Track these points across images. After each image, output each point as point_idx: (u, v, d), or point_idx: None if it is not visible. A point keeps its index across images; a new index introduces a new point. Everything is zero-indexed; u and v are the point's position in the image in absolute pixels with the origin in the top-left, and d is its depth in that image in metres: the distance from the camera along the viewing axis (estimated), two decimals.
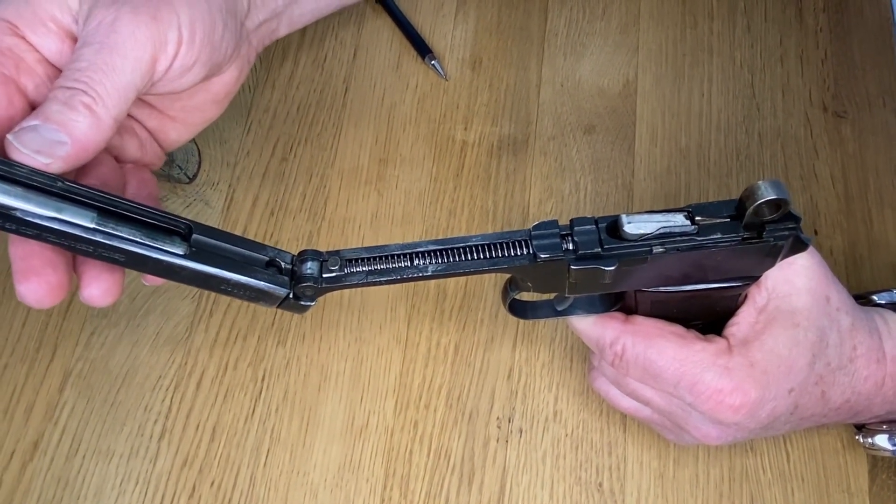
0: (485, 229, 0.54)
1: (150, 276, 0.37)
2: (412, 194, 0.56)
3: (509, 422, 0.49)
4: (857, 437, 0.47)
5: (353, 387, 0.50)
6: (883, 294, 0.46)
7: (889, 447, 0.44)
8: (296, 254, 0.37)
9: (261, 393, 0.50)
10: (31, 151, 0.33)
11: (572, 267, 0.35)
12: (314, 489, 0.48)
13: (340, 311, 0.52)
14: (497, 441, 0.49)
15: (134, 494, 0.48)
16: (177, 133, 0.44)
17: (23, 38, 0.36)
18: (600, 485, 0.48)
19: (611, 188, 0.56)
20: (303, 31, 0.61)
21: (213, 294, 0.52)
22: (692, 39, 0.61)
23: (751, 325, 0.39)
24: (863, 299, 0.46)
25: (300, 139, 0.57)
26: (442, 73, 0.59)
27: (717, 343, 0.39)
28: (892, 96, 0.60)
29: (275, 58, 0.60)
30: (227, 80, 0.43)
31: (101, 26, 0.35)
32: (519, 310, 0.42)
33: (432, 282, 0.53)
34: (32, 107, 0.37)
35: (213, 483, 0.48)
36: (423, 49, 0.60)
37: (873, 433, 0.45)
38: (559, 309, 0.41)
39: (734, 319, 0.40)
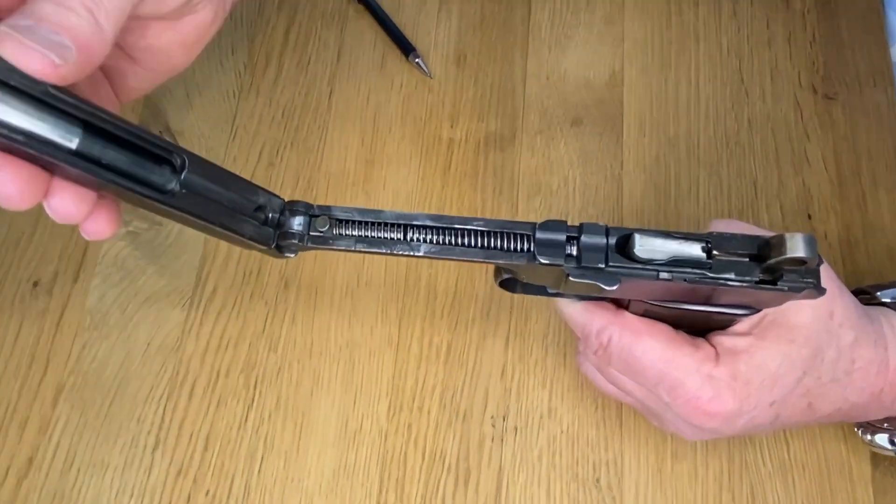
0: None
1: (90, 229, 0.32)
2: (400, 194, 0.54)
3: (504, 420, 0.48)
4: (856, 431, 0.45)
5: (345, 391, 0.49)
6: (888, 291, 0.43)
7: (889, 447, 0.42)
8: (286, 201, 0.35)
9: (253, 400, 0.49)
10: (41, 47, 0.27)
11: (570, 278, 0.33)
12: (309, 496, 0.47)
13: (331, 314, 0.51)
14: (492, 440, 0.48)
15: None
16: (136, 80, 0.39)
17: None
18: (598, 480, 0.47)
19: (600, 180, 0.55)
20: (286, 34, 0.60)
21: (203, 301, 0.52)
22: (678, 27, 0.60)
23: (743, 337, 0.38)
24: (866, 295, 0.44)
25: (286, 143, 0.56)
26: (426, 70, 0.58)
27: (705, 349, 0.38)
28: (882, 76, 0.58)
29: (258, 62, 0.59)
30: (200, 22, 0.38)
31: None
32: (510, 286, 0.40)
33: (423, 283, 0.52)
34: None
35: (207, 492, 0.47)
36: (406, 47, 0.58)
37: (873, 430, 0.43)
38: (550, 291, 0.40)
39: (727, 329, 0.39)
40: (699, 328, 0.39)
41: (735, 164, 0.55)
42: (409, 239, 0.34)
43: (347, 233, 0.35)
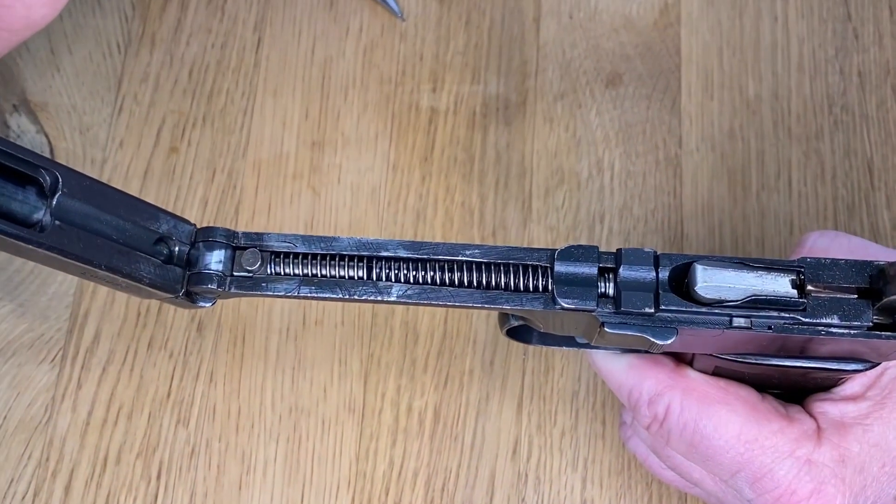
0: (469, 235, 0.52)
1: None
2: (362, 190, 0.53)
3: None
4: None
5: (288, 480, 0.48)
6: None
7: None
8: (197, 228, 0.36)
9: (157, 496, 0.48)
10: None
11: (606, 328, 0.33)
12: None
13: (266, 368, 0.50)
14: None
15: None
16: None
17: None
18: None
19: (649, 164, 0.53)
20: None
21: (82, 353, 0.50)
22: None
23: (854, 403, 0.38)
24: None
25: (196, 119, 0.55)
26: (396, 9, 0.57)
27: (802, 423, 0.37)
28: None
29: (153, 1, 0.57)
30: None
31: None
32: (522, 333, 0.40)
33: (397, 320, 0.51)
34: None
35: None
36: None
37: None
38: (580, 341, 0.40)
39: (832, 391, 0.39)
40: (792, 390, 0.39)
41: (841, 137, 0.54)
42: (375, 278, 0.34)
43: (287, 271, 0.35)
